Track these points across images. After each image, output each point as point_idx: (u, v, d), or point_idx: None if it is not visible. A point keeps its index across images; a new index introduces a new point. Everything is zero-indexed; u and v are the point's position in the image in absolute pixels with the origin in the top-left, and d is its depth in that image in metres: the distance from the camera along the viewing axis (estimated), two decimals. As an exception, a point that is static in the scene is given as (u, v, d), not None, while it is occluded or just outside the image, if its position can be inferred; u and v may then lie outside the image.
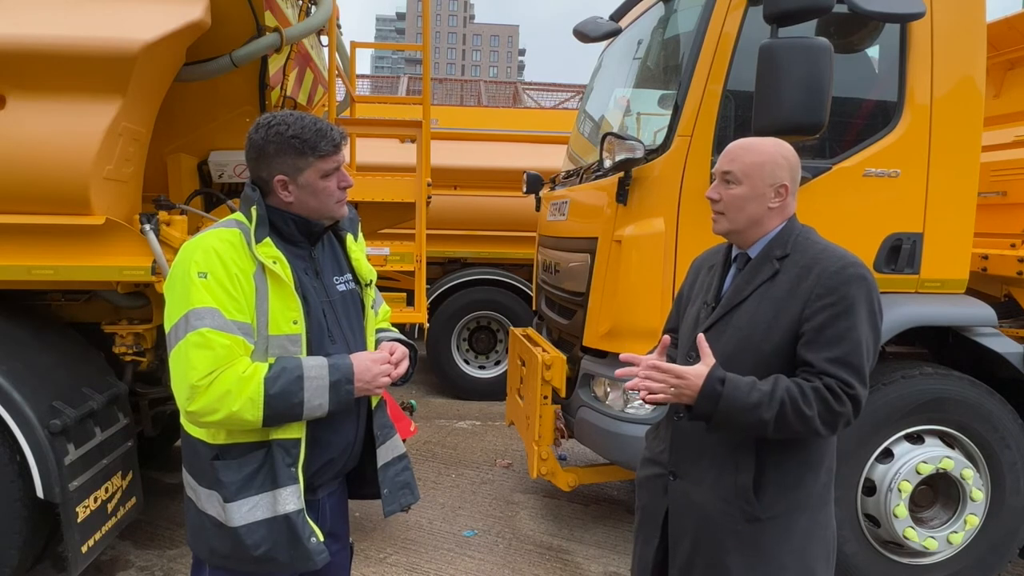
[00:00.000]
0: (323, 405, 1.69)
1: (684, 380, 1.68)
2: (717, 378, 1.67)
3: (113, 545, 3.67)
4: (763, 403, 1.65)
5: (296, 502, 1.71)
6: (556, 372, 3.65)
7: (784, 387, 1.67)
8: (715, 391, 1.66)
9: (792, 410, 1.65)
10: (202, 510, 1.75)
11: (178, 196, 3.48)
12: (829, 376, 1.67)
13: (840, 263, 1.74)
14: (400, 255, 4.64)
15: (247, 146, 1.75)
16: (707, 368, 1.68)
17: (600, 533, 4.16)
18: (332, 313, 1.83)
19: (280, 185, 1.74)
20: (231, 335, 1.62)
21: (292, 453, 1.72)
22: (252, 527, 1.69)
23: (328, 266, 1.88)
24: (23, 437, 2.73)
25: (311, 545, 1.73)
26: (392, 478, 1.96)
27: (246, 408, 1.61)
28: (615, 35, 4.17)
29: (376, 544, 3.93)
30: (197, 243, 1.69)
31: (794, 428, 1.67)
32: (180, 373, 1.62)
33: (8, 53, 2.72)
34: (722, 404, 1.66)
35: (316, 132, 1.71)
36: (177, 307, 1.64)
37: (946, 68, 3.26)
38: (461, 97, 11.43)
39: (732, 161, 1.83)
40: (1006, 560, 3.39)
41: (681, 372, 1.69)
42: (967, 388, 3.26)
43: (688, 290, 2.08)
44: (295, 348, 1.72)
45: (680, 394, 1.69)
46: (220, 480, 1.70)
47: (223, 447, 1.71)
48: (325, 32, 4.21)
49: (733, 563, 1.79)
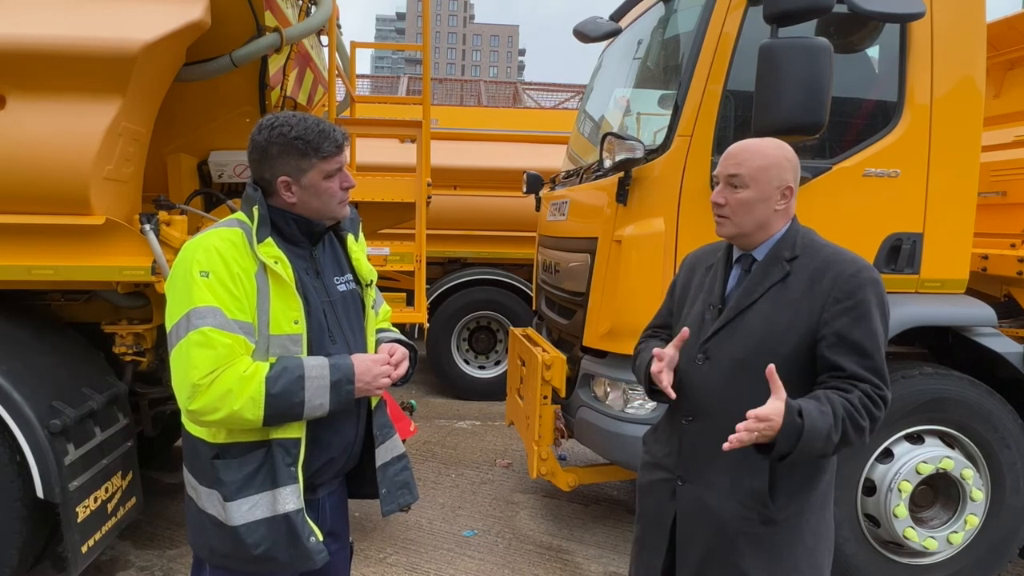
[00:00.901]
0: (324, 405, 1.69)
1: (769, 422, 1.57)
2: (795, 409, 1.59)
3: (113, 545, 3.67)
4: (833, 427, 1.62)
5: (296, 501, 1.72)
6: (556, 372, 3.65)
7: (840, 404, 1.64)
8: (795, 423, 1.58)
9: (852, 427, 1.64)
10: (203, 509, 1.75)
11: (178, 196, 3.48)
12: (864, 382, 1.68)
13: (855, 266, 1.75)
14: (400, 255, 4.64)
15: (250, 147, 1.76)
16: (782, 403, 1.59)
17: (600, 533, 4.16)
18: (332, 313, 1.83)
19: (283, 186, 1.74)
20: (232, 334, 1.62)
21: (292, 452, 1.72)
22: (252, 526, 1.69)
23: (329, 266, 1.89)
24: (23, 437, 2.73)
25: (310, 544, 1.73)
26: (391, 478, 1.96)
27: (247, 407, 1.61)
28: (615, 35, 4.17)
29: (376, 544, 3.93)
30: (199, 242, 1.70)
31: (851, 443, 1.66)
32: (181, 372, 1.63)
33: (8, 53, 2.72)
34: (804, 437, 1.58)
35: (319, 133, 1.72)
36: (179, 306, 1.65)
37: (946, 68, 3.26)
38: (461, 97, 11.43)
39: (738, 165, 1.81)
40: (1006, 560, 3.39)
41: (765, 414, 1.58)
42: (967, 388, 3.26)
43: (683, 287, 2.06)
44: (296, 348, 1.72)
45: (761, 436, 1.59)
46: (220, 479, 1.70)
47: (223, 446, 1.72)
48: (325, 32, 4.21)
49: (749, 566, 1.79)
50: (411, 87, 10.42)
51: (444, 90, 11.64)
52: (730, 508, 1.80)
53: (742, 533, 1.79)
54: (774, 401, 1.60)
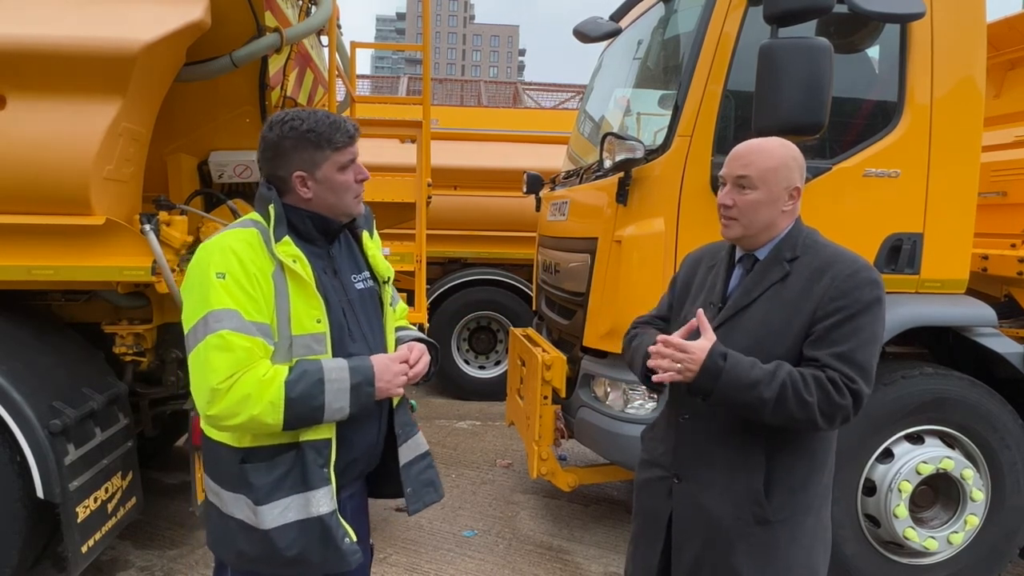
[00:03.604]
0: (344, 408, 1.68)
1: (688, 354, 1.69)
2: (719, 353, 1.68)
3: (113, 545, 3.67)
4: (763, 381, 1.66)
5: (330, 503, 1.70)
6: (556, 372, 3.65)
7: (787, 370, 1.68)
8: (717, 365, 1.67)
9: (792, 393, 1.65)
10: (228, 514, 1.73)
11: (178, 196, 3.48)
12: (832, 369, 1.67)
13: (853, 267, 1.75)
14: (400, 255, 4.65)
15: (261, 146, 1.75)
16: (709, 343, 1.69)
17: (600, 533, 4.16)
18: (351, 311, 1.82)
19: (299, 181, 1.73)
20: (251, 337, 1.60)
21: (323, 454, 1.70)
22: (283, 529, 1.67)
23: (345, 264, 1.87)
24: (23, 437, 2.73)
25: (345, 546, 1.72)
26: (416, 476, 1.94)
27: (267, 412, 1.59)
28: (615, 35, 4.17)
29: (376, 544, 3.92)
30: (215, 244, 1.68)
31: (793, 414, 1.66)
32: (200, 376, 1.60)
33: (8, 53, 2.72)
34: (724, 378, 1.66)
35: (330, 125, 1.71)
36: (196, 309, 1.62)
37: (946, 68, 3.26)
38: (461, 97, 11.43)
39: (746, 166, 1.80)
40: (1006, 560, 3.39)
41: (685, 346, 1.70)
42: (967, 388, 3.26)
43: (684, 284, 2.06)
44: (320, 347, 1.71)
45: (684, 369, 1.70)
46: (250, 483, 1.67)
47: (250, 450, 1.69)
48: (325, 32, 4.20)
49: (743, 565, 1.79)
50: (411, 87, 10.42)
51: (444, 90, 11.64)
52: (725, 507, 1.80)
53: (737, 532, 1.79)
54: (701, 340, 1.71)
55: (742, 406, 1.70)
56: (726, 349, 1.70)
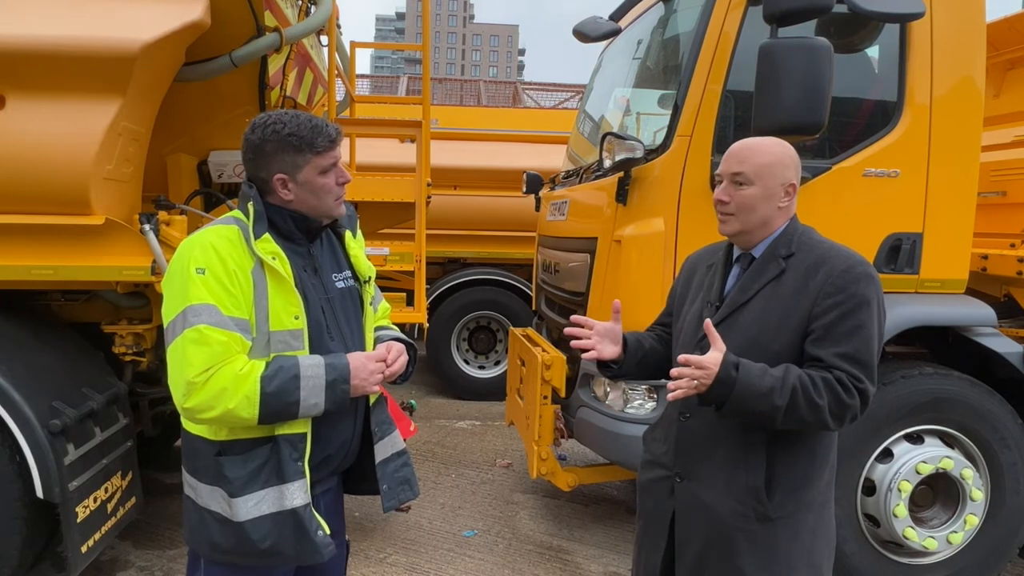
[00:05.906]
0: (319, 404, 1.70)
1: (705, 370, 1.65)
2: (732, 363, 1.66)
3: (113, 545, 3.67)
4: (775, 389, 1.65)
5: (303, 496, 1.72)
6: (556, 372, 3.65)
7: (796, 375, 1.67)
8: (730, 376, 1.65)
9: (804, 398, 1.65)
10: (203, 506, 1.75)
11: (178, 196, 3.48)
12: (839, 370, 1.68)
13: (848, 262, 1.75)
14: (400, 255, 4.64)
15: (244, 147, 1.76)
16: (721, 354, 1.67)
17: (600, 533, 4.16)
18: (331, 310, 1.83)
19: (280, 184, 1.75)
20: (228, 331, 1.63)
21: (299, 448, 1.73)
22: (257, 521, 1.70)
23: (327, 263, 1.89)
24: (23, 437, 2.73)
25: (318, 538, 1.74)
26: (391, 474, 1.96)
27: (242, 406, 1.61)
28: (615, 35, 4.17)
29: (376, 544, 3.93)
30: (195, 239, 1.70)
31: (804, 418, 1.66)
32: (177, 369, 1.63)
33: (8, 53, 2.72)
34: (737, 389, 1.65)
35: (312, 129, 1.73)
36: (175, 303, 1.65)
37: (946, 68, 3.26)
38: (461, 97, 11.42)
39: (742, 163, 1.81)
40: (1006, 560, 3.39)
41: (702, 361, 1.66)
42: (967, 388, 3.26)
43: (683, 288, 2.07)
44: (297, 343, 1.73)
45: (700, 384, 1.67)
46: (225, 476, 1.70)
47: (227, 443, 1.72)
48: (325, 32, 4.20)
49: (745, 564, 1.79)
50: (411, 87, 10.42)
51: (444, 90, 11.64)
52: (726, 505, 1.81)
53: (738, 530, 1.79)
54: (713, 352, 1.67)
55: (757, 415, 1.69)
56: (738, 359, 1.68)
